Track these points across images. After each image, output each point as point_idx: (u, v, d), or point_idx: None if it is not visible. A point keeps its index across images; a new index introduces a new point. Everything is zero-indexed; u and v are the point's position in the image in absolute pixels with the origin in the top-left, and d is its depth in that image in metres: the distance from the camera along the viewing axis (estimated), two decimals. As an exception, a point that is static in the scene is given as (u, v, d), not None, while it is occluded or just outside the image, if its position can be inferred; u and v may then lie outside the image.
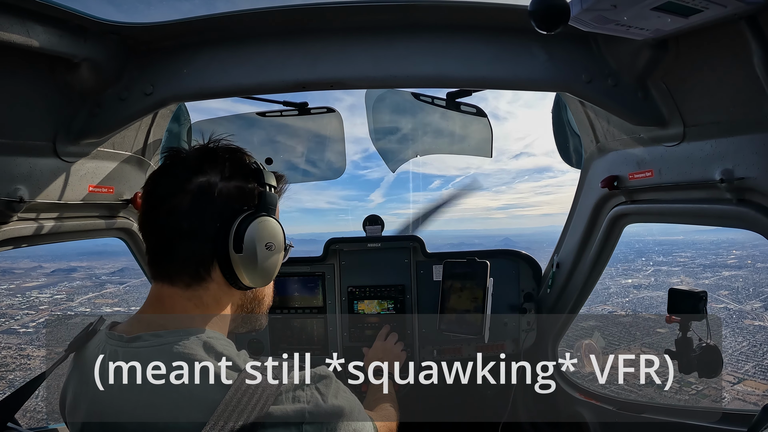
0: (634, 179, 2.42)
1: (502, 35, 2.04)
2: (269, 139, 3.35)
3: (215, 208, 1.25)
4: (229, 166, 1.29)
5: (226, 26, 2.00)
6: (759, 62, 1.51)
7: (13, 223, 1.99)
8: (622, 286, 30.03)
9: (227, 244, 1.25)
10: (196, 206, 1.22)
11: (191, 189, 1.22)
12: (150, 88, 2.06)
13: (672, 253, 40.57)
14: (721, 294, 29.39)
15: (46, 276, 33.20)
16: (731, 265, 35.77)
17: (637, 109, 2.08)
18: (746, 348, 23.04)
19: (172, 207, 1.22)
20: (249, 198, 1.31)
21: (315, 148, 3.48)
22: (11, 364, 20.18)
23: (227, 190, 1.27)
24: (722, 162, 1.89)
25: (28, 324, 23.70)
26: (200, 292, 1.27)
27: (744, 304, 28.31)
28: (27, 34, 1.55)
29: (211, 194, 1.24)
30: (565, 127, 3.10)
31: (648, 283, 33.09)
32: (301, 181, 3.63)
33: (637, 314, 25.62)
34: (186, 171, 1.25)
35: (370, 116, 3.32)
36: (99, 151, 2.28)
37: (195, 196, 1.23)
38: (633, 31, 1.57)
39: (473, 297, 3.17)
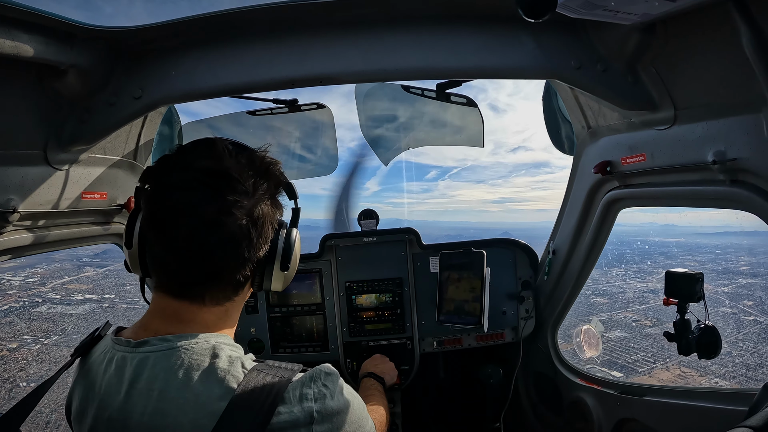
0: (627, 164, 2.42)
1: (490, 24, 2.03)
2: (260, 137, 3.34)
3: (263, 232, 1.26)
4: (272, 185, 1.30)
5: (213, 26, 1.98)
6: (747, 43, 1.51)
7: (7, 233, 1.97)
8: (637, 291, 29.96)
9: (272, 263, 1.32)
10: (248, 233, 1.21)
11: (244, 214, 1.19)
12: (139, 92, 2.04)
13: (679, 256, 40.51)
14: (746, 305, 29.08)
15: (27, 257, 31.15)
16: (745, 272, 35.63)
17: (628, 94, 2.08)
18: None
19: (220, 232, 1.17)
20: (280, 210, 1.35)
21: (307, 145, 3.48)
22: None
23: (270, 210, 1.28)
24: (714, 144, 1.89)
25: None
26: (227, 306, 1.29)
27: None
28: (13, 42, 1.54)
29: (264, 219, 1.25)
30: (556, 114, 3.10)
31: (662, 287, 33.77)
32: (295, 178, 3.62)
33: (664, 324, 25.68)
34: (235, 192, 1.19)
35: (361, 110, 3.32)
36: (90, 157, 2.27)
37: (249, 223, 1.21)
38: (620, 16, 1.57)
39: (471, 287, 3.19)
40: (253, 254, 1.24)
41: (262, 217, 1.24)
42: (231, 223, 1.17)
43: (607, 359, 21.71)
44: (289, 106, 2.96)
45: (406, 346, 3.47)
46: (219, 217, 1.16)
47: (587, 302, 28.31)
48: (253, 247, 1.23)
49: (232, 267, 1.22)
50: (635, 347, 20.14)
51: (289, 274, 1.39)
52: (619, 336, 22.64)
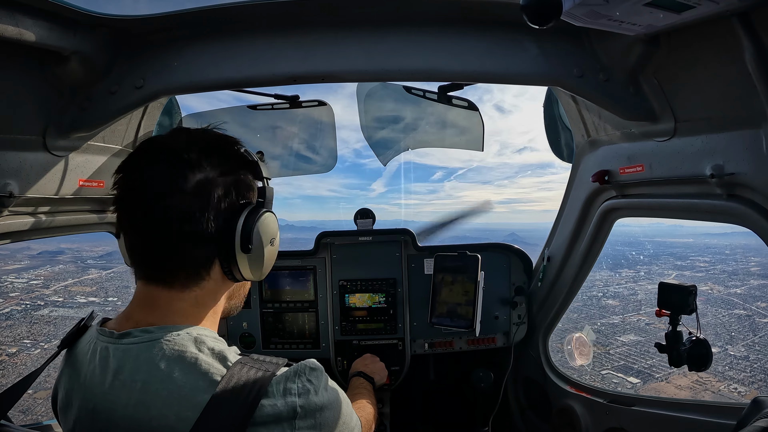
0: (625, 174, 2.43)
1: (494, 29, 2.03)
2: (260, 132, 3.34)
3: (217, 207, 1.21)
4: (226, 159, 1.25)
5: (217, 19, 1.98)
6: (750, 59, 1.52)
7: (3, 218, 1.97)
8: (649, 292, 29.86)
9: (233, 243, 1.23)
10: (197, 207, 1.17)
11: (190, 187, 1.16)
12: (140, 82, 2.04)
13: (689, 257, 40.35)
14: (759, 306, 28.91)
15: (31, 258, 31.80)
16: (756, 273, 35.53)
17: (629, 104, 2.08)
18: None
19: (168, 206, 1.15)
20: (247, 192, 1.30)
21: (306, 142, 3.48)
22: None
23: (226, 185, 1.23)
24: (713, 157, 1.90)
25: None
26: (197, 292, 1.25)
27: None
28: (16, 26, 1.53)
29: (211, 192, 1.20)
30: (557, 121, 3.11)
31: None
32: (293, 174, 3.62)
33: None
34: (181, 166, 1.17)
35: (362, 110, 3.31)
36: (89, 145, 2.27)
37: (195, 196, 1.17)
38: (625, 27, 1.57)
39: (464, 290, 3.19)
40: (202, 227, 1.18)
41: (208, 188, 1.19)
42: (176, 195, 1.15)
43: (622, 364, 21.69)
44: (290, 102, 2.95)
45: (398, 346, 3.47)
46: (167, 190, 1.15)
47: (599, 304, 28.29)
48: (199, 220, 1.18)
49: (185, 241, 1.18)
50: (651, 351, 20.15)
51: (256, 257, 1.30)
52: (633, 340, 22.62)
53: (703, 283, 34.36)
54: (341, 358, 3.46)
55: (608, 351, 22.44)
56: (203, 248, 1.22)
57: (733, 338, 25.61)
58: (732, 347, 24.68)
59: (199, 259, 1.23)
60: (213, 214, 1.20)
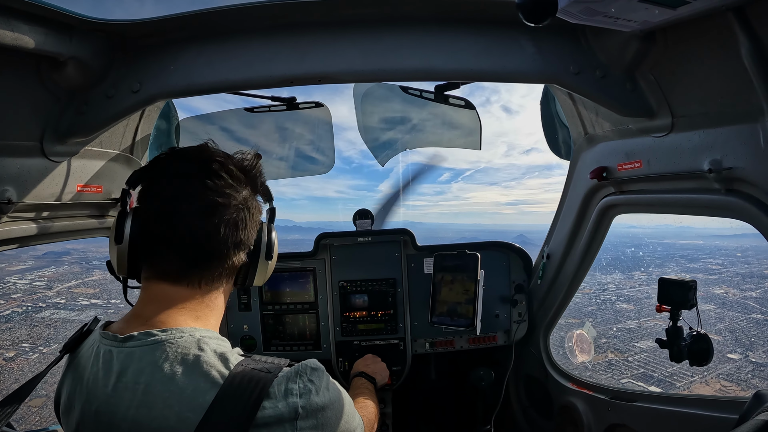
0: (623, 170, 2.43)
1: (490, 28, 2.03)
2: (258, 135, 3.33)
3: (255, 220, 1.41)
4: (257, 182, 1.42)
5: (213, 22, 1.98)
6: (746, 53, 1.52)
7: (1, 224, 1.97)
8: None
9: (259, 252, 1.43)
10: (243, 217, 1.33)
11: (237, 202, 1.31)
12: (137, 86, 2.04)
13: (700, 259, 40.11)
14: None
15: (36, 259, 31.45)
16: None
17: (626, 101, 2.09)
18: None
19: (216, 213, 1.27)
20: (260, 209, 1.46)
21: (304, 143, 3.47)
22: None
23: (257, 204, 1.42)
24: (710, 152, 1.90)
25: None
26: (215, 294, 1.35)
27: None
28: (12, 32, 1.53)
29: (252, 208, 1.38)
30: (554, 118, 3.10)
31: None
32: (291, 176, 3.61)
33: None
34: (225, 182, 1.30)
35: (359, 110, 3.31)
36: (87, 149, 2.26)
37: (244, 209, 1.34)
38: (621, 23, 1.57)
39: (464, 289, 3.18)
40: (246, 237, 1.36)
41: (253, 206, 1.38)
42: (229, 207, 1.29)
43: (642, 372, 21.55)
44: (287, 104, 2.95)
45: (398, 346, 3.48)
46: (217, 202, 1.27)
47: (613, 308, 28.12)
48: (247, 230, 1.36)
49: (230, 248, 1.32)
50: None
51: (272, 265, 1.50)
52: (651, 346, 22.45)
53: (717, 287, 34.15)
54: (342, 359, 3.46)
55: (626, 358, 22.28)
56: (241, 255, 1.37)
57: (753, 344, 25.45)
58: (753, 353, 24.53)
59: (231, 266, 1.36)
60: (253, 226, 1.40)
